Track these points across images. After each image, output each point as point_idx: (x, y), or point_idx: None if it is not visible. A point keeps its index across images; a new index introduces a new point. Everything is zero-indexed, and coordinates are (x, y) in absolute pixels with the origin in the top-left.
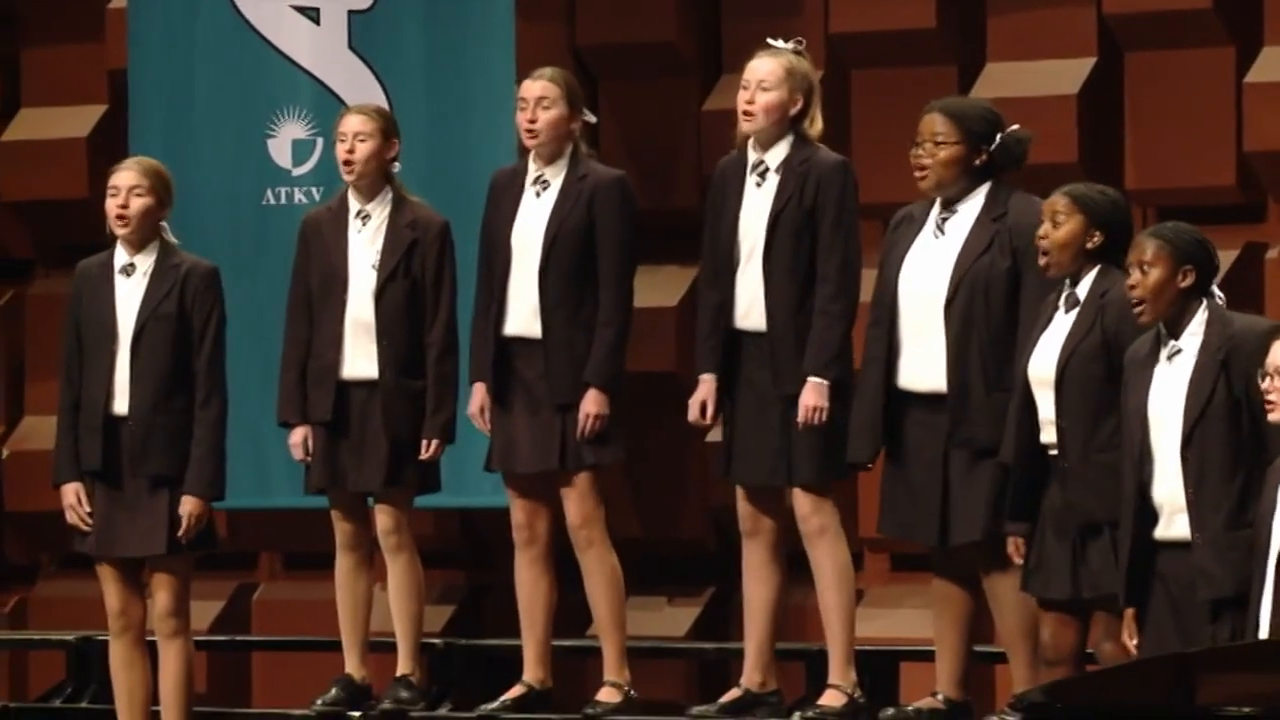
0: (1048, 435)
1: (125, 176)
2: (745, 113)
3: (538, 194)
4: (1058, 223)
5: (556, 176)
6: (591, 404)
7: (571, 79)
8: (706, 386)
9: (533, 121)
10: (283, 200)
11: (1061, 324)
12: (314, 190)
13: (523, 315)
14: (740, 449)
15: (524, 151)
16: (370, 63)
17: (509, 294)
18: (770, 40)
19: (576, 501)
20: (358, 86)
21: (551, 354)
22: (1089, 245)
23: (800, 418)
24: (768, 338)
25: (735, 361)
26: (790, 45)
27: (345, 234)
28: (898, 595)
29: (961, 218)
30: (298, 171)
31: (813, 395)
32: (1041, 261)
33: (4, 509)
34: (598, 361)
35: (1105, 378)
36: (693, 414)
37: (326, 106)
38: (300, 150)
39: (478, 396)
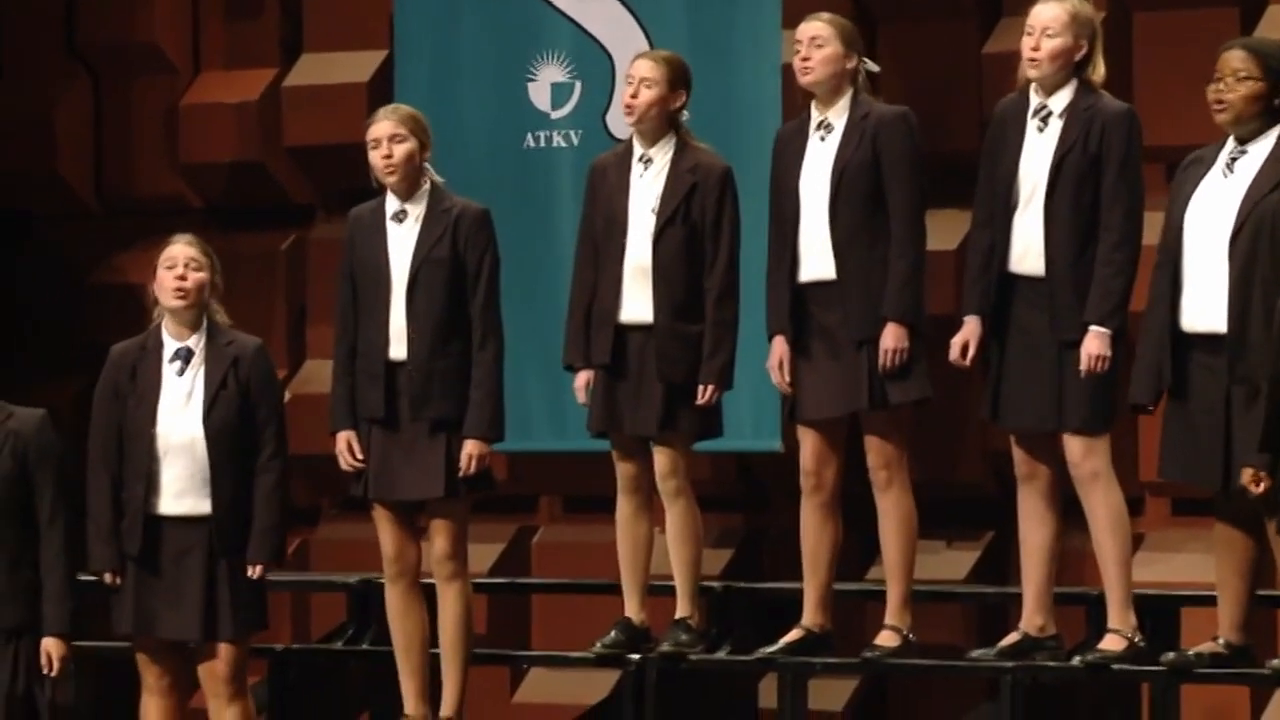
0: None
1: (383, 127)
2: (1031, 59)
3: (822, 138)
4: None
5: (839, 118)
6: (890, 338)
7: (847, 24)
8: (970, 328)
9: (806, 60)
10: (542, 144)
11: None
12: (572, 134)
13: (817, 260)
14: (1009, 394)
15: (791, 101)
16: (630, 6)
17: (800, 241)
18: None
19: (878, 442)
20: (617, 30)
21: (847, 293)
22: None
23: (1083, 366)
24: (1046, 283)
25: (1006, 305)
26: None
27: (628, 178)
28: (1179, 540)
29: (1252, 157)
30: (556, 115)
31: (1096, 344)
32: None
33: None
34: (893, 294)
35: None
36: (953, 354)
37: (585, 50)
38: (559, 94)
39: (777, 350)
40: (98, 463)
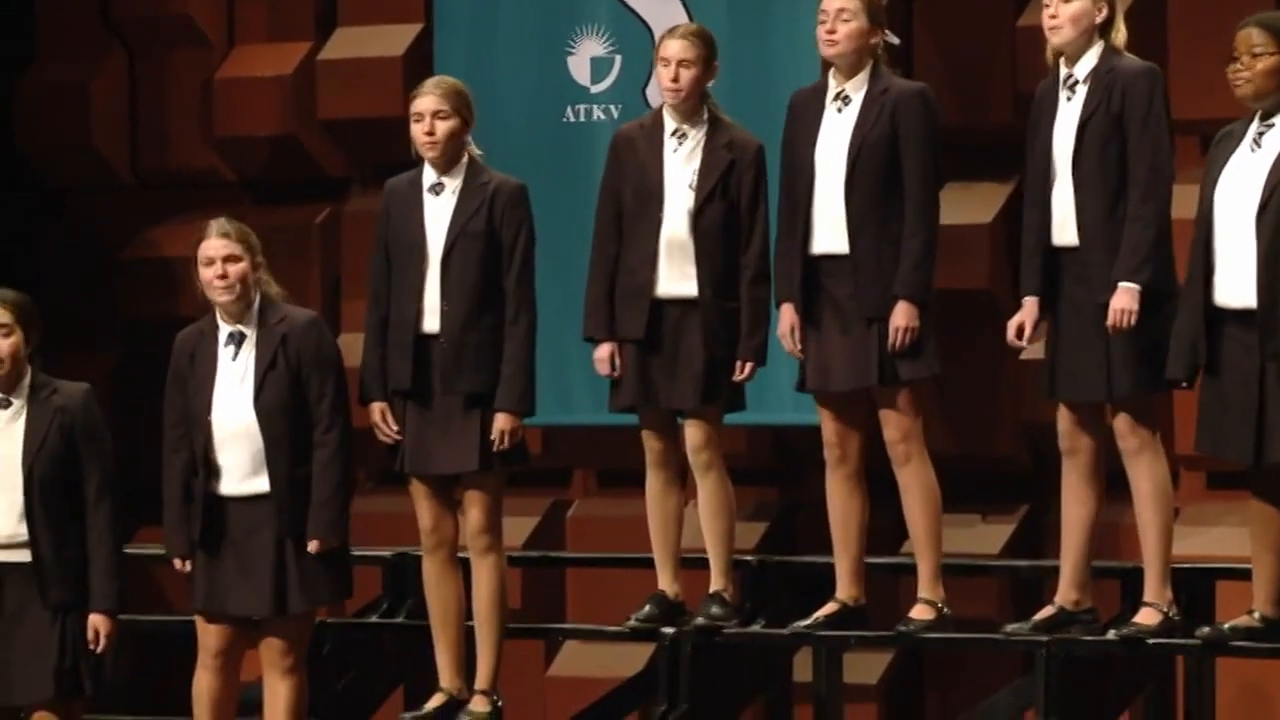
0: None
1: (428, 101)
2: (1051, 26)
3: (839, 110)
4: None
5: (857, 91)
6: (901, 316)
7: None
8: (1027, 309)
9: (831, 33)
10: (582, 117)
11: None
12: (612, 108)
13: (829, 233)
14: (1062, 367)
15: (826, 70)
16: None
17: (814, 212)
18: None
19: (894, 417)
20: (657, 3)
21: (859, 268)
22: None
23: (1109, 321)
24: (1082, 249)
25: (1054, 279)
26: None
27: (661, 152)
28: (1214, 513)
29: (1278, 130)
30: (596, 89)
31: (1122, 299)
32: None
33: None
34: (906, 273)
35: None
36: (1010, 335)
37: (625, 24)
38: (599, 67)
39: (787, 317)
40: (169, 450)
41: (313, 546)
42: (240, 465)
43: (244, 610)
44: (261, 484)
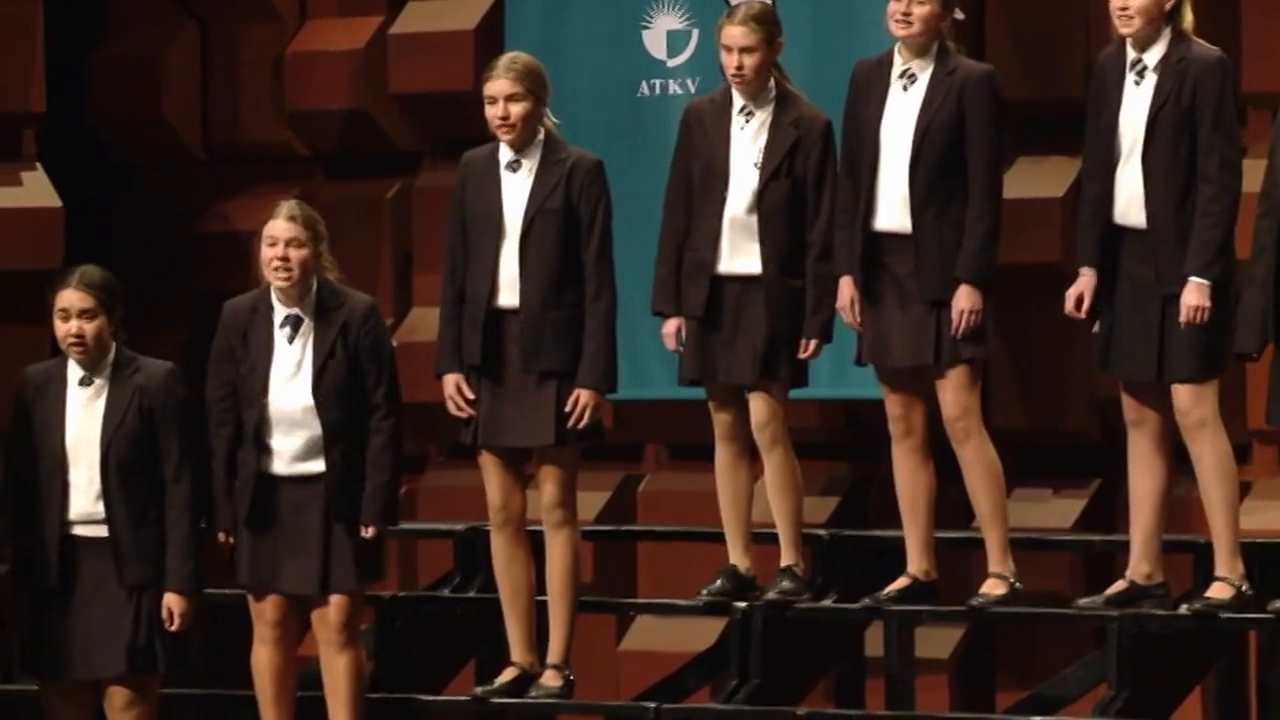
0: None
1: (500, 85)
2: (1120, 17)
3: (905, 88)
4: None
5: (924, 70)
6: (965, 300)
7: None
8: (1085, 280)
9: (907, 14)
10: (657, 91)
11: None
12: (689, 81)
13: (892, 210)
14: (1118, 344)
15: None
16: None
17: (878, 190)
18: None
19: (952, 395)
20: None
21: (922, 250)
22: None
23: (1182, 318)
24: (1148, 236)
25: (1114, 256)
26: None
27: (728, 129)
28: None
29: None
30: (673, 63)
31: (1195, 295)
32: None
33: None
34: (969, 256)
35: None
36: (1068, 306)
37: None
38: (676, 41)
39: (846, 290)
40: (215, 423)
41: (369, 533)
42: (294, 448)
43: (293, 588)
44: (314, 466)
